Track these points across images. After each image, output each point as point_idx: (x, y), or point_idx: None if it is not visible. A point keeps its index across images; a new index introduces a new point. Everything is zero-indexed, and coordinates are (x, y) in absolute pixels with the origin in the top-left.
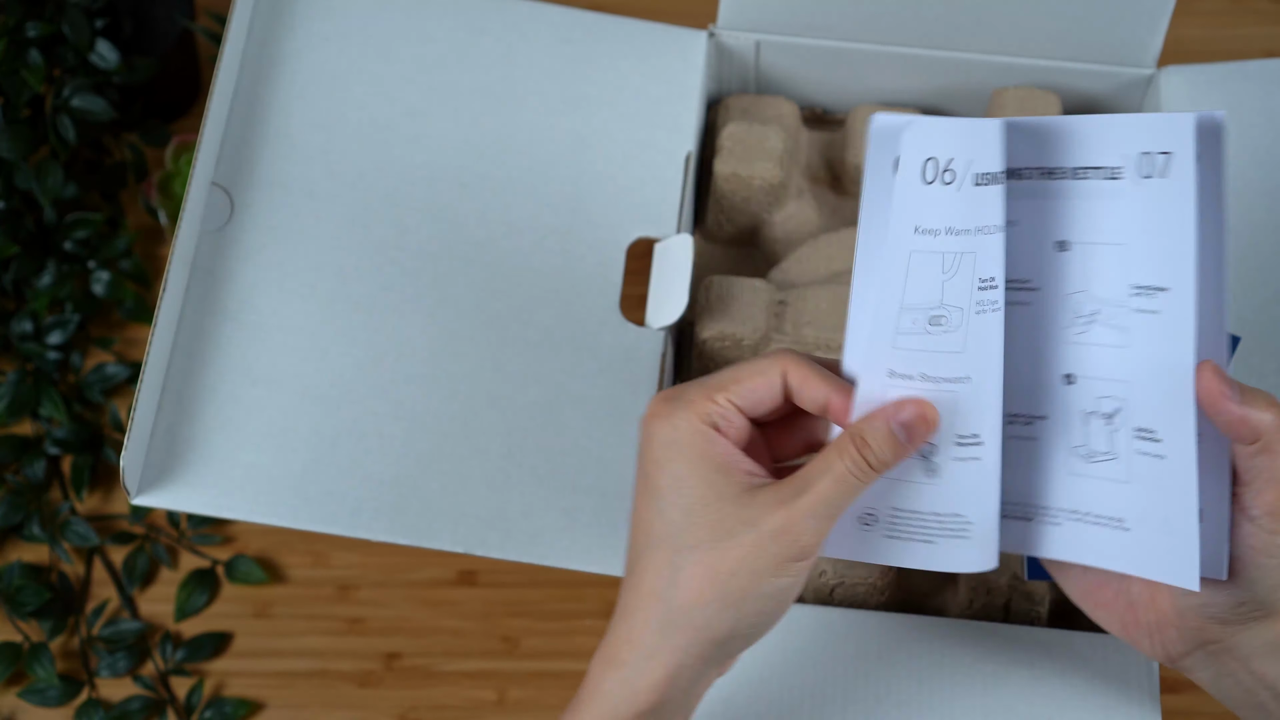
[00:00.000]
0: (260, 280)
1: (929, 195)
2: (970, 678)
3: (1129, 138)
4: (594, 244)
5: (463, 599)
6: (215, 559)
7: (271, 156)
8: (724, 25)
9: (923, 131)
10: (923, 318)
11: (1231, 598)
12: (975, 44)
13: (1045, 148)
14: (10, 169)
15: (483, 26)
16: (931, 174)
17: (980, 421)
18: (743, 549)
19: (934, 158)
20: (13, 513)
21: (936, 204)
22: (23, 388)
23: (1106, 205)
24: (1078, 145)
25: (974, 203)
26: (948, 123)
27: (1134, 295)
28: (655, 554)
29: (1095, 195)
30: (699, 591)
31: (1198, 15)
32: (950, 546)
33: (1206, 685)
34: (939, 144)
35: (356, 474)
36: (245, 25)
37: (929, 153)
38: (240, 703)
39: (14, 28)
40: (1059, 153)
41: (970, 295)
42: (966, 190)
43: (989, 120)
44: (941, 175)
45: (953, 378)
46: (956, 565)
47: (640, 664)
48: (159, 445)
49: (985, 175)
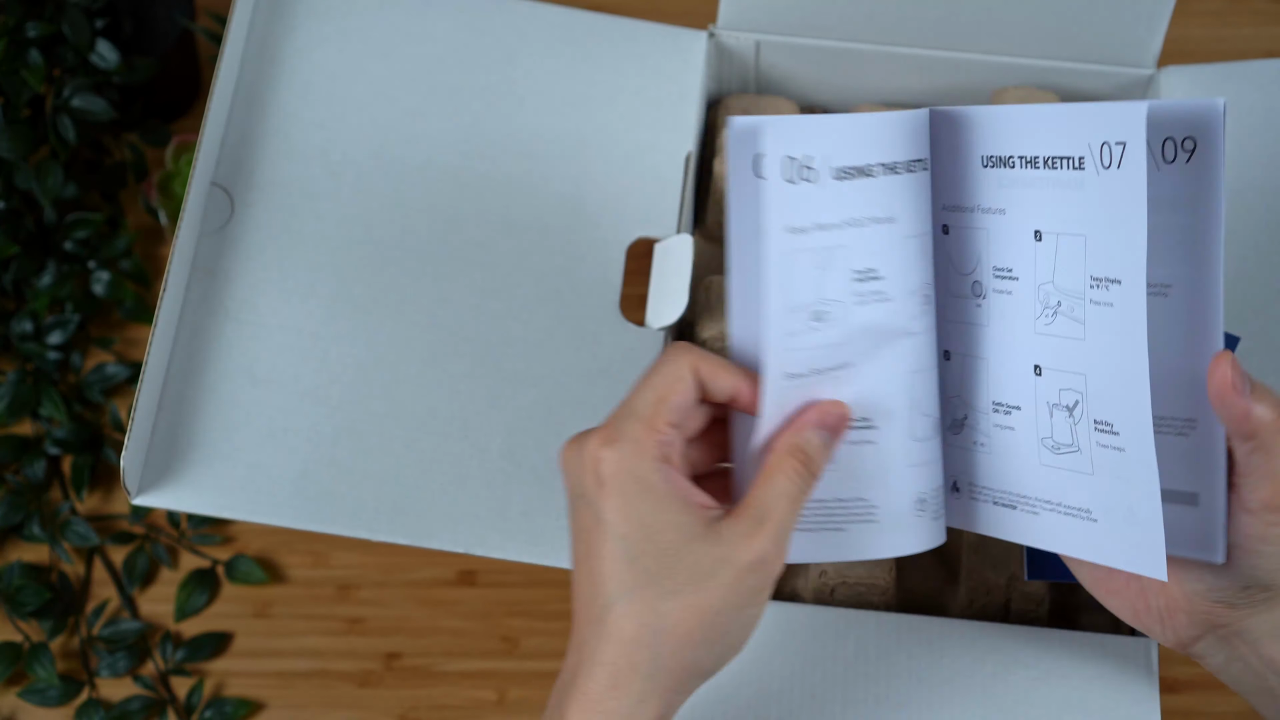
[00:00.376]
0: (260, 280)
1: (794, 194)
2: (970, 678)
3: (1089, 128)
4: (594, 244)
5: (463, 599)
6: (215, 559)
7: (272, 156)
8: (724, 25)
9: (778, 130)
10: (806, 315)
11: (1235, 582)
12: (975, 44)
13: (1026, 138)
14: (10, 169)
15: (483, 27)
16: (793, 172)
17: (872, 407)
18: (724, 587)
19: (793, 156)
20: (13, 513)
21: (801, 201)
22: (23, 388)
23: (1072, 195)
24: (1047, 134)
25: (838, 197)
26: (802, 120)
27: (1091, 287)
28: (631, 603)
29: (1064, 185)
30: (687, 635)
31: (1198, 15)
32: (860, 532)
33: (1217, 671)
34: (795, 142)
35: (356, 474)
36: (245, 25)
37: (787, 151)
38: (240, 703)
39: (14, 28)
40: (1036, 142)
41: (847, 288)
42: (828, 185)
43: (851, 115)
44: (802, 173)
45: (837, 366)
46: (873, 551)
47: (631, 711)
48: (159, 445)
49: (847, 169)
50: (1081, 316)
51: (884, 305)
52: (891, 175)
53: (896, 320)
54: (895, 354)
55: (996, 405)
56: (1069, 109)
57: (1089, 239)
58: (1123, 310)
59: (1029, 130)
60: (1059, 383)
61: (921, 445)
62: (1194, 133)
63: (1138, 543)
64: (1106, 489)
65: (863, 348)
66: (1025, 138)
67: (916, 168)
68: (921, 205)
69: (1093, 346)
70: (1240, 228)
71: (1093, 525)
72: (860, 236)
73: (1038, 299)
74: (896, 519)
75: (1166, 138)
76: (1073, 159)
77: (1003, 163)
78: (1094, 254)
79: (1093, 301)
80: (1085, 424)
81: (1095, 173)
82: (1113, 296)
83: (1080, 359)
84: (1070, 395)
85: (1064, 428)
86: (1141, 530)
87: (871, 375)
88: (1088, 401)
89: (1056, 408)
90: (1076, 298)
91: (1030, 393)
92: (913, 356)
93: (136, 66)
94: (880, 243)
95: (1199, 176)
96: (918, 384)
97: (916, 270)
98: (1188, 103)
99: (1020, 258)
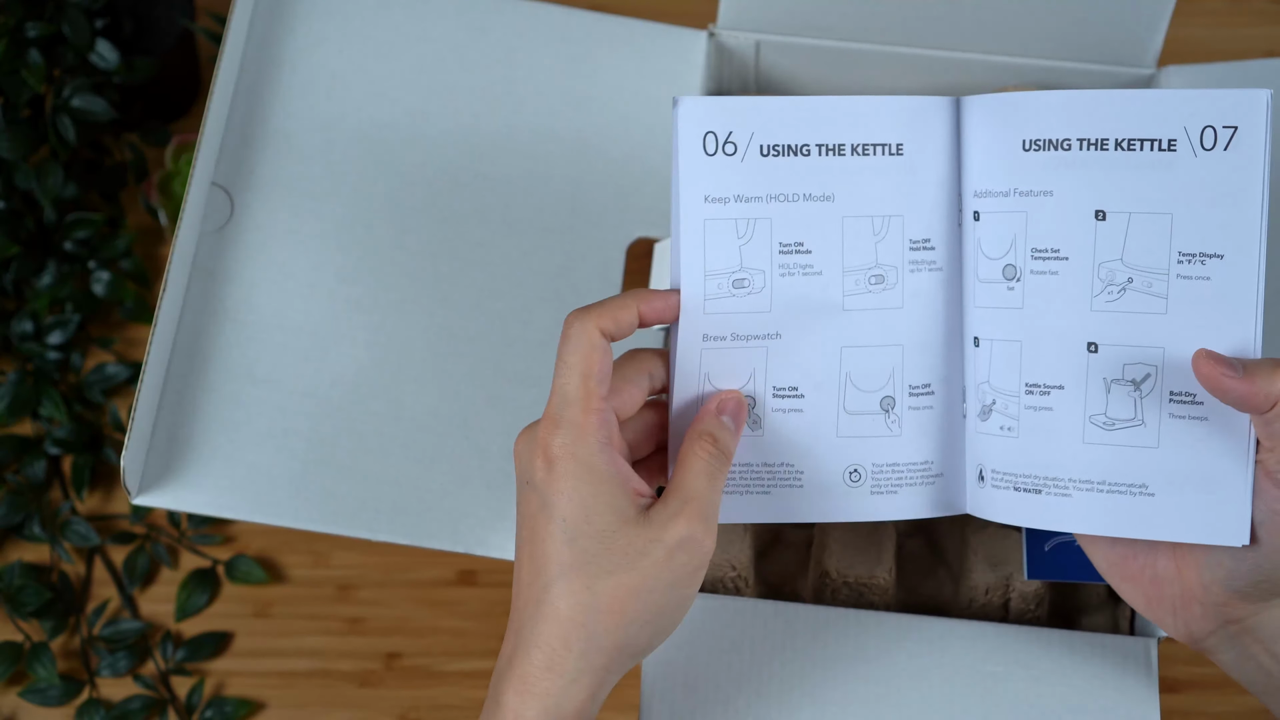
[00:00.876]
0: (260, 280)
1: (711, 166)
2: (970, 678)
3: (1191, 111)
4: (594, 244)
5: (463, 599)
6: (216, 559)
7: (272, 157)
8: (724, 25)
9: (697, 107)
10: (726, 281)
11: (1254, 569)
12: (975, 44)
13: (1091, 119)
14: (11, 169)
15: (483, 27)
16: (712, 146)
17: (798, 375)
18: (656, 565)
19: (712, 131)
20: (13, 513)
21: (719, 173)
22: (23, 388)
23: (1154, 176)
24: (1129, 117)
25: (764, 172)
26: (733, 100)
27: (1180, 262)
28: (569, 582)
29: (1143, 166)
30: (621, 613)
31: (1198, 15)
32: (785, 496)
33: (1228, 668)
34: (713, 119)
35: (356, 474)
36: (245, 25)
37: (706, 127)
38: (241, 702)
39: (14, 28)
40: (1106, 124)
41: (771, 258)
42: (753, 160)
43: (790, 99)
44: (723, 147)
45: (762, 334)
46: (796, 515)
47: (564, 690)
48: (159, 445)
49: (777, 147)
50: (1164, 291)
51: (813, 279)
52: (835, 157)
53: (829, 295)
54: (827, 328)
55: (1031, 387)
56: (1163, 95)
57: (1176, 217)
58: (1223, 283)
59: (1098, 113)
60: (1124, 357)
61: (856, 419)
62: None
63: (1211, 511)
64: (1175, 460)
65: (792, 319)
66: (1092, 120)
67: (877, 152)
68: (883, 189)
69: (1177, 319)
70: None
71: (1148, 500)
72: (789, 211)
73: (1097, 277)
74: (823, 487)
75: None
76: (1161, 141)
77: (1054, 145)
78: (1184, 231)
79: (1180, 276)
80: (1156, 396)
81: (1191, 154)
82: (1209, 270)
83: (1158, 332)
84: (1139, 370)
85: (1125, 402)
86: (1219, 497)
87: (802, 347)
88: (1163, 374)
89: (1118, 382)
90: (1159, 273)
91: (1080, 370)
92: (849, 332)
93: (136, 66)
94: (812, 219)
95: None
96: (856, 360)
97: (862, 250)
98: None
99: (1072, 238)
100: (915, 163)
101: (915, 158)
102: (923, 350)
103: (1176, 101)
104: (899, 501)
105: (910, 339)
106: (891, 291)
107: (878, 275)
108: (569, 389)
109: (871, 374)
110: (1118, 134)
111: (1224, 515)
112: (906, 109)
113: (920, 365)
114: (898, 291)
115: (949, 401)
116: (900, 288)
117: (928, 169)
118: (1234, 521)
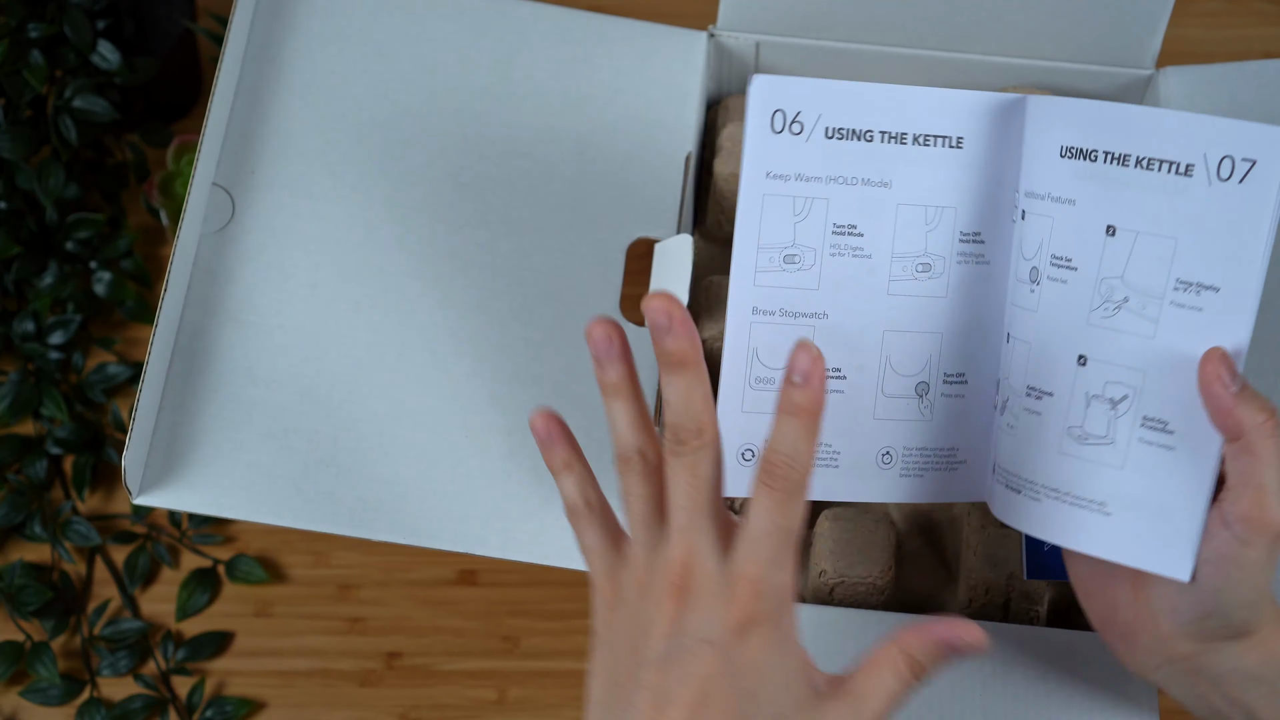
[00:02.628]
0: (261, 280)
1: (777, 143)
2: (970, 678)
3: (1212, 139)
4: (594, 244)
5: (463, 599)
6: (216, 558)
7: (273, 157)
8: (724, 26)
9: (769, 85)
10: (778, 255)
11: (1197, 606)
12: (975, 45)
13: (1118, 133)
14: (12, 169)
15: (483, 27)
16: (780, 124)
17: (843, 355)
18: None
19: (781, 109)
20: (14, 512)
21: (784, 151)
22: (24, 387)
23: (1167, 199)
24: (1153, 136)
25: (826, 153)
26: (804, 81)
27: (1176, 289)
28: None
29: (1157, 188)
30: None
31: (1197, 15)
32: (823, 476)
33: (1184, 705)
34: (784, 98)
35: (356, 474)
36: (246, 26)
37: (776, 105)
38: (241, 702)
39: (16, 28)
40: (1131, 140)
41: (824, 238)
42: (817, 141)
43: (856, 84)
44: (790, 126)
45: (810, 313)
46: (830, 493)
47: None
48: (160, 445)
49: (842, 130)
50: (1155, 315)
51: (861, 261)
52: (897, 145)
53: (876, 278)
54: (871, 311)
55: (1030, 389)
56: (1189, 118)
57: (1180, 242)
58: (1214, 316)
59: (1125, 127)
60: (1107, 375)
61: (893, 402)
62: (1257, 155)
63: (1160, 540)
64: (1135, 484)
65: (839, 300)
66: (1120, 135)
67: (937, 143)
68: (940, 180)
69: (1162, 345)
70: None
71: (1103, 519)
72: (846, 193)
73: (1098, 291)
74: (858, 467)
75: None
76: (1179, 164)
77: (1083, 155)
78: (1186, 258)
79: (1174, 304)
80: (1130, 419)
81: (1206, 182)
82: (1203, 302)
83: (1143, 355)
84: (1118, 389)
85: (1100, 419)
86: (1170, 528)
87: (845, 327)
88: (1140, 397)
89: (1098, 399)
90: (1154, 296)
91: (1068, 381)
92: (892, 316)
93: (138, 67)
94: (868, 203)
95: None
96: (896, 344)
97: (912, 238)
98: (1259, 127)
99: (1083, 249)
100: (974, 157)
101: (975, 152)
102: (960, 340)
103: (1202, 127)
104: (924, 485)
105: (950, 328)
106: (937, 280)
107: (925, 264)
108: (776, 562)
109: (910, 359)
110: (1140, 151)
111: (1171, 546)
112: (972, 103)
113: (956, 355)
114: (943, 281)
115: (981, 392)
116: (946, 277)
117: (986, 164)
118: (1179, 555)
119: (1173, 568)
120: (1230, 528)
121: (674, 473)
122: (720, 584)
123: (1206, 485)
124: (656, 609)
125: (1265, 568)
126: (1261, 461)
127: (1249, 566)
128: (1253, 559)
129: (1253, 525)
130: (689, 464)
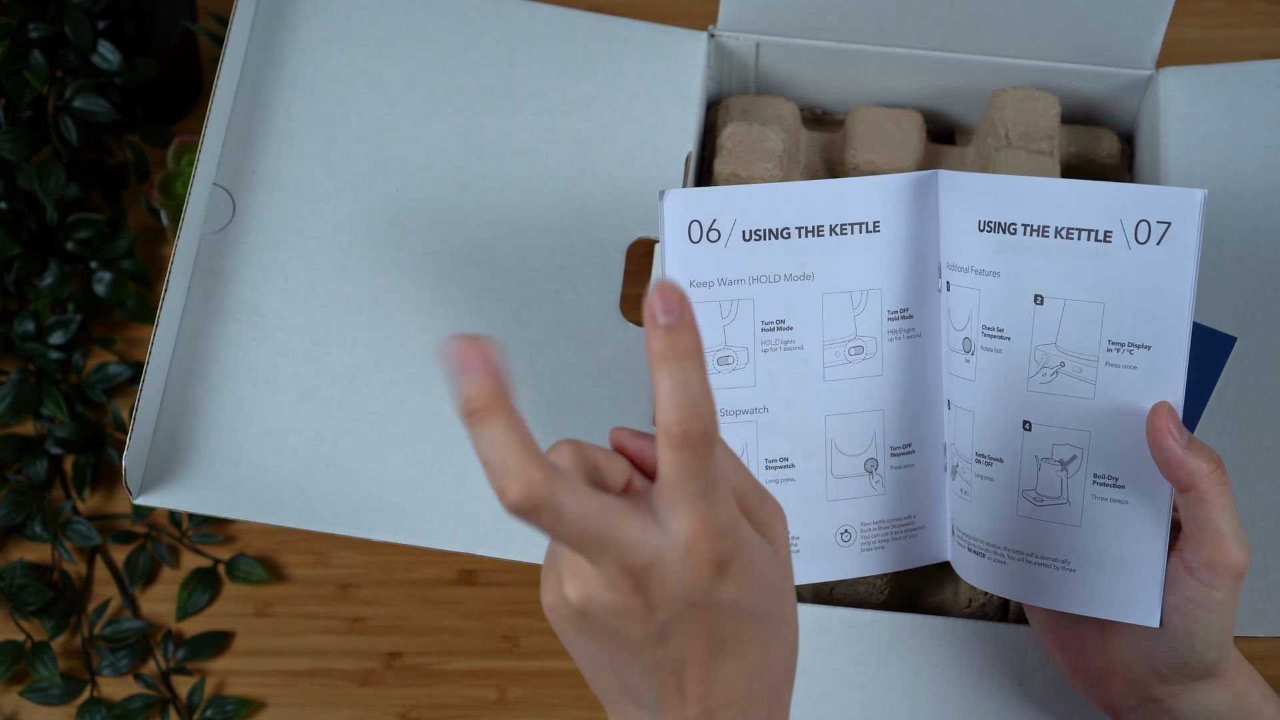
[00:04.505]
0: (261, 280)
1: (696, 252)
2: (970, 678)
3: (1128, 204)
4: (594, 244)
5: (463, 598)
6: (216, 558)
7: (273, 157)
8: (724, 26)
9: (681, 199)
10: (711, 359)
11: (1171, 651)
12: (975, 45)
13: (1034, 206)
14: (13, 169)
15: (483, 27)
16: (697, 234)
17: (788, 446)
18: None
19: (697, 220)
20: (15, 512)
21: (704, 259)
22: (25, 387)
23: (1090, 265)
24: (1068, 207)
25: (746, 255)
26: (715, 191)
27: (1109, 350)
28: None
29: (1080, 255)
30: None
31: (1197, 16)
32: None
33: None
34: (698, 208)
35: (356, 474)
36: (247, 26)
37: (691, 216)
38: (241, 701)
39: (16, 29)
40: (1048, 212)
41: (754, 336)
42: (735, 245)
43: (767, 186)
44: (707, 234)
45: (750, 409)
46: (794, 578)
47: None
48: (161, 445)
49: (759, 231)
50: (1093, 377)
51: (794, 353)
52: (814, 238)
53: (810, 367)
54: (810, 399)
55: (979, 456)
56: (1103, 187)
57: (1108, 306)
58: (1148, 373)
59: (1041, 201)
60: (1053, 438)
61: (843, 482)
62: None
63: (1128, 591)
64: (1095, 540)
65: (777, 392)
66: (1035, 207)
67: (854, 230)
68: (862, 264)
69: (1103, 405)
70: (1239, 228)
71: (1069, 575)
72: (771, 291)
73: (1033, 359)
74: (817, 549)
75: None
76: (1098, 231)
77: (1002, 228)
78: (1114, 320)
79: (1109, 364)
80: (1081, 478)
81: (1125, 246)
82: (1136, 360)
83: (1085, 416)
84: (1066, 450)
85: (1053, 481)
86: (1134, 579)
87: (787, 418)
88: (1089, 456)
89: (1047, 461)
90: (1088, 359)
91: (1016, 446)
92: (832, 401)
93: (138, 67)
94: (793, 297)
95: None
96: (839, 427)
97: (842, 323)
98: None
99: (1013, 319)
100: (893, 237)
101: (893, 232)
102: (902, 413)
103: (1116, 194)
104: (886, 556)
105: (890, 403)
106: (871, 360)
107: (857, 346)
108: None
109: (855, 439)
110: (1058, 222)
111: (1138, 596)
112: (883, 188)
113: (900, 427)
114: (877, 360)
115: (929, 458)
116: (880, 356)
117: (906, 243)
118: (1147, 603)
119: (1142, 615)
120: (1195, 574)
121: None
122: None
123: (1163, 533)
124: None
125: (1230, 608)
126: (1216, 508)
127: (1216, 608)
128: (1219, 600)
129: (1216, 569)
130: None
